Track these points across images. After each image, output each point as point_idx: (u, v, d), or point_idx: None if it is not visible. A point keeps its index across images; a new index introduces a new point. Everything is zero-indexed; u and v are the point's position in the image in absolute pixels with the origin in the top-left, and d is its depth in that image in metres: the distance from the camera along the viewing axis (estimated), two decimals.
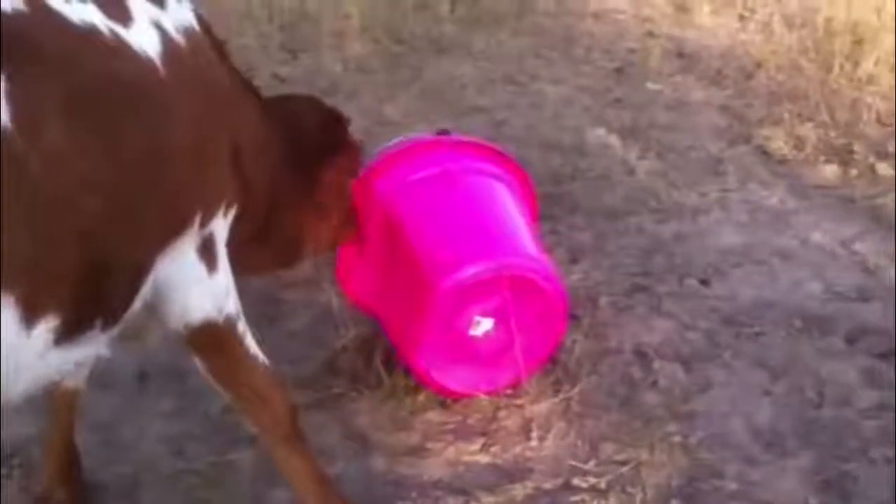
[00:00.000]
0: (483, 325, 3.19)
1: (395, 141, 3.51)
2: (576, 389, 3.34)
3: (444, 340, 3.18)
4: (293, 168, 2.90)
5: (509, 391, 3.34)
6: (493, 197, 3.37)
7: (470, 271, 3.11)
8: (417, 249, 3.21)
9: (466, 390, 3.29)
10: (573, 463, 3.10)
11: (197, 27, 2.43)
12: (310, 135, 2.97)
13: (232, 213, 2.50)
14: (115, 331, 2.23)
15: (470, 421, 3.26)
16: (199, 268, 2.39)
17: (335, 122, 3.09)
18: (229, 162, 2.47)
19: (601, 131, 5.13)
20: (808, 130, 5.13)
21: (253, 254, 2.81)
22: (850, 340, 3.66)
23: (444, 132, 3.57)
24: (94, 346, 2.21)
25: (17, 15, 1.94)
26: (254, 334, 2.57)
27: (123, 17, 2.20)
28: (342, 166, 3.09)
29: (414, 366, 3.25)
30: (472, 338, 3.20)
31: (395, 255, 3.28)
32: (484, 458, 3.12)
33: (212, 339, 2.47)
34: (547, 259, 3.35)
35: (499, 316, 3.19)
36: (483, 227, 3.29)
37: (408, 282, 3.22)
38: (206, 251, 2.40)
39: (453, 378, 3.26)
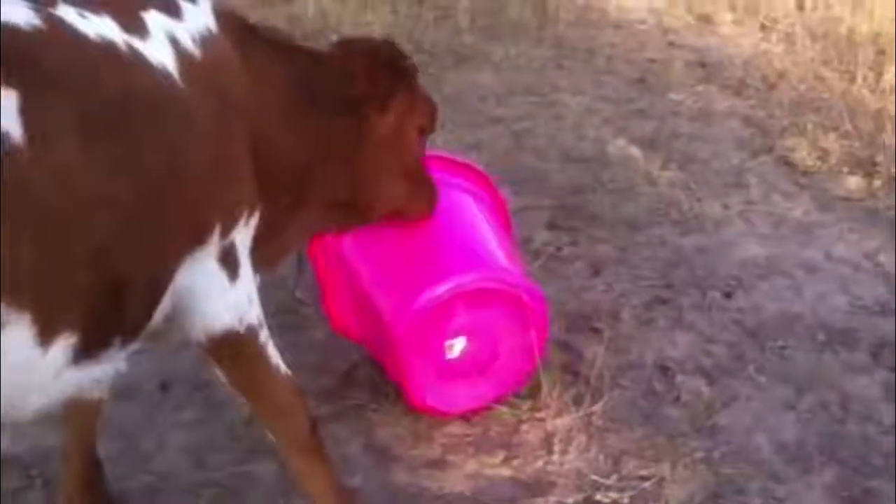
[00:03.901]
0: (457, 346, 3.18)
1: None
2: (598, 404, 3.31)
3: (427, 373, 3.18)
4: (339, 120, 2.71)
5: (530, 403, 3.32)
6: (440, 212, 3.22)
7: (416, 306, 3.07)
8: (371, 290, 3.22)
9: (472, 407, 3.28)
10: (595, 478, 3.07)
11: (215, 29, 2.40)
12: (360, 83, 2.72)
13: (255, 218, 2.47)
14: (134, 346, 2.22)
15: (491, 434, 3.24)
16: (221, 277, 2.37)
17: (393, 68, 2.80)
18: (250, 166, 2.43)
19: (622, 142, 5.11)
20: (831, 141, 5.10)
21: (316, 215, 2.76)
22: (875, 355, 3.63)
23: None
24: (114, 363, 2.20)
25: (32, 30, 1.94)
26: (275, 344, 2.56)
27: (139, 30, 2.20)
28: (401, 117, 2.82)
29: (411, 404, 3.25)
30: (454, 360, 3.19)
31: (359, 291, 3.29)
32: (505, 472, 3.10)
33: (233, 348, 2.45)
34: (499, 262, 3.25)
35: (469, 331, 3.18)
36: (426, 251, 3.20)
37: (375, 323, 3.22)
38: (228, 260, 2.38)
39: (454, 399, 3.25)
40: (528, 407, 3.31)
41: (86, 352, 2.03)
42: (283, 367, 2.56)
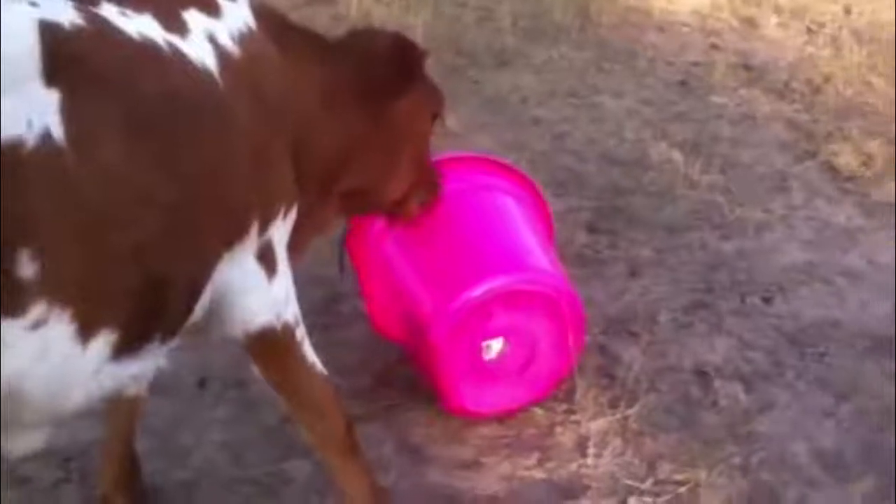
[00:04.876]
0: (494, 348, 3.18)
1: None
2: (634, 407, 3.30)
3: (462, 373, 3.18)
4: (363, 110, 2.75)
5: (565, 406, 3.31)
6: (480, 214, 3.30)
7: (454, 305, 3.08)
8: (410, 289, 3.24)
9: (507, 409, 3.28)
10: (629, 482, 3.06)
11: (254, 26, 2.42)
12: (379, 72, 2.78)
13: (292, 215, 2.50)
14: (174, 342, 2.24)
15: (525, 436, 3.24)
16: (259, 274, 2.39)
17: (405, 55, 2.85)
18: (289, 163, 2.46)
19: (663, 145, 5.07)
20: (876, 147, 5.03)
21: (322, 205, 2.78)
22: None
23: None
24: (153, 360, 2.22)
25: (75, 31, 1.95)
26: (311, 343, 2.58)
27: (180, 28, 2.22)
28: (414, 104, 2.88)
29: (446, 404, 3.26)
30: (491, 361, 3.19)
31: (398, 290, 3.31)
32: (539, 474, 3.10)
33: (270, 345, 2.47)
34: (537, 264, 3.25)
35: (507, 333, 3.17)
36: (466, 251, 3.23)
37: (413, 322, 3.23)
38: (266, 257, 2.40)
39: (490, 400, 3.25)
40: (564, 409, 3.31)
41: (126, 348, 2.05)
42: (318, 366, 2.58)
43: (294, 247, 2.59)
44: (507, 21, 6.41)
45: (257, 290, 2.40)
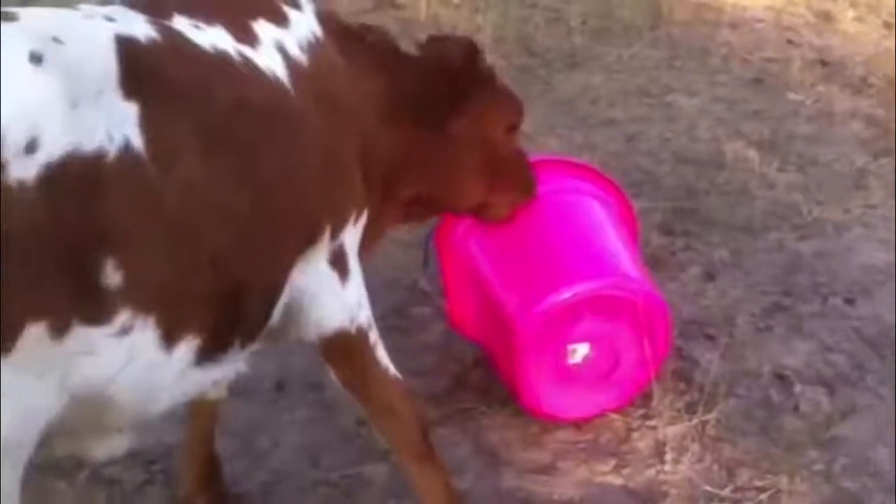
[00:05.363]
0: (580, 352, 3.16)
1: None
2: (712, 413, 3.25)
3: (545, 376, 3.16)
4: (425, 119, 2.77)
5: (642, 411, 3.28)
6: (569, 217, 3.30)
7: (542, 307, 3.07)
8: (495, 288, 3.22)
9: (586, 415, 3.26)
10: (708, 488, 3.02)
11: (320, 34, 2.45)
12: (445, 82, 2.80)
13: (362, 219, 2.53)
14: (253, 347, 2.28)
15: (602, 441, 3.22)
16: (332, 278, 2.43)
17: (468, 71, 2.86)
18: (358, 169, 2.50)
19: (739, 144, 4.99)
20: None
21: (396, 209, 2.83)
22: None
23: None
24: (234, 364, 2.27)
25: (151, 44, 2.00)
26: (385, 346, 2.59)
27: (250, 39, 2.26)
28: (479, 118, 2.87)
29: (524, 405, 3.24)
30: (575, 365, 3.17)
31: (482, 289, 3.29)
32: (616, 480, 3.08)
33: (343, 349, 2.51)
34: (628, 270, 3.23)
35: (593, 338, 3.15)
36: (555, 254, 3.23)
37: (496, 322, 3.21)
38: (338, 261, 2.44)
39: (570, 405, 3.23)
40: (640, 415, 3.28)
41: (208, 353, 2.10)
42: (392, 369, 2.61)
43: (362, 250, 2.62)
44: (576, 21, 6.36)
45: (331, 294, 2.44)
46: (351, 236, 2.48)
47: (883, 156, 4.92)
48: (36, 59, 1.78)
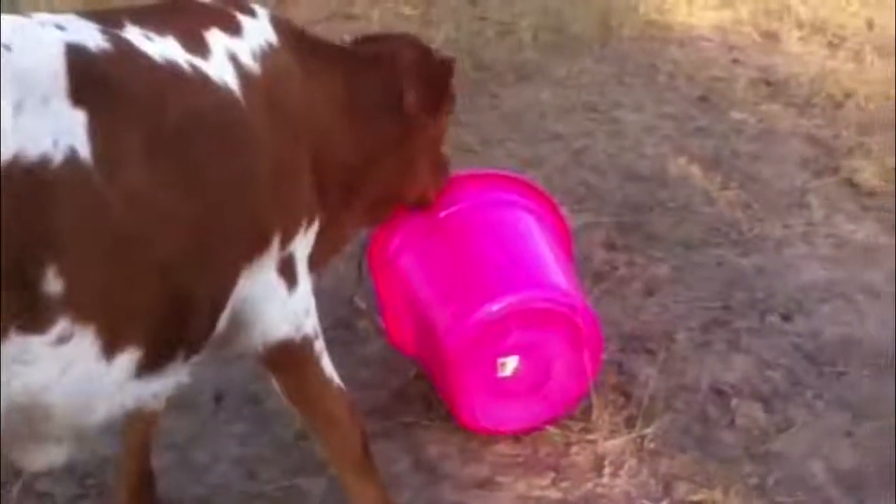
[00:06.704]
0: (509, 365, 3.17)
1: None
2: (650, 427, 3.27)
3: (479, 390, 3.17)
4: (383, 121, 2.79)
5: (581, 425, 3.29)
6: (498, 231, 3.30)
7: (471, 321, 3.08)
8: (427, 305, 3.23)
9: (523, 427, 3.27)
10: (645, 502, 3.04)
11: (275, 42, 2.44)
12: (404, 78, 2.81)
13: (313, 228, 2.52)
14: (197, 358, 2.26)
15: (541, 455, 3.22)
16: (279, 287, 2.41)
17: (441, 74, 2.90)
18: (310, 178, 2.49)
19: (683, 161, 5.05)
20: None
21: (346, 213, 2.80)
22: None
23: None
24: (176, 376, 2.24)
25: (101, 53, 2.00)
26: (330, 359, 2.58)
27: (201, 49, 2.25)
28: (441, 106, 2.91)
29: (461, 420, 3.25)
30: (506, 378, 3.18)
31: (415, 307, 3.30)
32: (554, 494, 3.08)
33: (288, 358, 2.49)
34: (557, 282, 3.24)
35: (523, 351, 3.16)
36: (484, 268, 3.24)
37: (430, 337, 3.22)
38: (287, 270, 2.42)
39: (505, 418, 3.24)
40: (579, 428, 3.29)
41: (150, 365, 2.08)
42: (336, 380, 2.59)
43: (317, 260, 2.61)
44: (527, 35, 6.42)
45: (278, 302, 2.42)
46: (301, 245, 2.47)
47: (825, 174, 5.01)
48: None
